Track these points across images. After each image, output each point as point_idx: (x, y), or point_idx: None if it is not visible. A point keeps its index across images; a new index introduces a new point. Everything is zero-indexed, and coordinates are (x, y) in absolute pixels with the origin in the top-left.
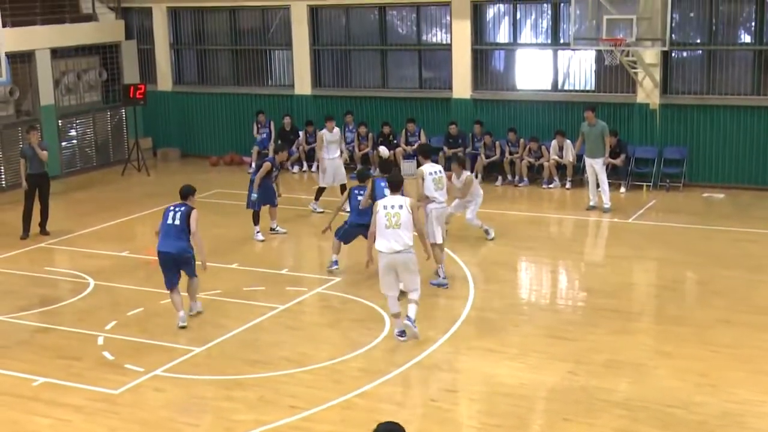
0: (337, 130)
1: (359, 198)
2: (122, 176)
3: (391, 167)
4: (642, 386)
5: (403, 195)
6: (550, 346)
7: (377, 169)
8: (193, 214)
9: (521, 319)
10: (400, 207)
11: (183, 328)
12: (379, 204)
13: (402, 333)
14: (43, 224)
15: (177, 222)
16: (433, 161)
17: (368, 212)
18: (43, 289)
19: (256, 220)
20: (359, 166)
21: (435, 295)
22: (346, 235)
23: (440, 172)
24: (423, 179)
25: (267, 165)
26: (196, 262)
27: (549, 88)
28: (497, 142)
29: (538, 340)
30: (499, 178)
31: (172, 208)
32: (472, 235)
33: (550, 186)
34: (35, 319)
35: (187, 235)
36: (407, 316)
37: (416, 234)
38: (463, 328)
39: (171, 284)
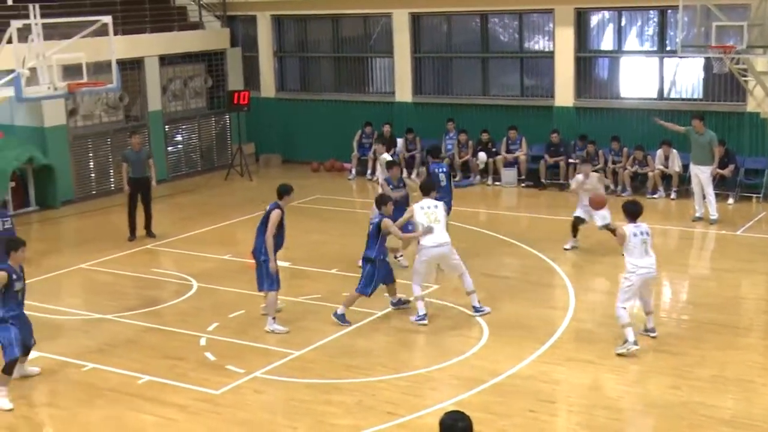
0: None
1: (370, 227)
2: (225, 181)
3: (431, 186)
4: (749, 404)
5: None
6: (653, 360)
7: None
8: (272, 215)
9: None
10: (435, 207)
11: (263, 315)
12: (416, 207)
13: (424, 317)
14: (148, 227)
15: (260, 223)
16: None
17: (370, 244)
18: (148, 290)
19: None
20: (459, 175)
21: (534, 306)
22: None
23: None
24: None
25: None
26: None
27: (654, 96)
28: (600, 151)
29: (640, 353)
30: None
31: (267, 207)
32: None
33: (654, 196)
34: (141, 319)
35: (262, 237)
36: (473, 306)
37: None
38: (563, 339)
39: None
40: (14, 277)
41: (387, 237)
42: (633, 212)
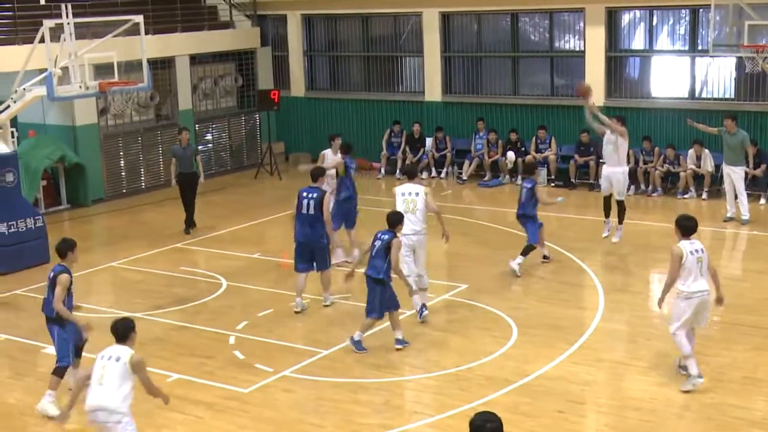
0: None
1: (376, 243)
2: (255, 180)
3: (414, 170)
4: None
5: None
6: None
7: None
8: (325, 200)
9: (653, 333)
10: (417, 194)
11: (297, 312)
12: (398, 191)
13: (422, 311)
14: (187, 222)
15: (312, 211)
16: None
17: (379, 262)
18: (178, 289)
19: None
20: (488, 174)
21: (564, 306)
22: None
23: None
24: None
25: None
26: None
27: (686, 96)
28: (631, 151)
29: (671, 355)
30: (632, 187)
31: (305, 194)
32: (601, 245)
33: (685, 196)
34: (170, 317)
35: (322, 222)
36: (422, 304)
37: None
38: (592, 340)
39: (300, 268)
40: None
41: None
42: (688, 228)
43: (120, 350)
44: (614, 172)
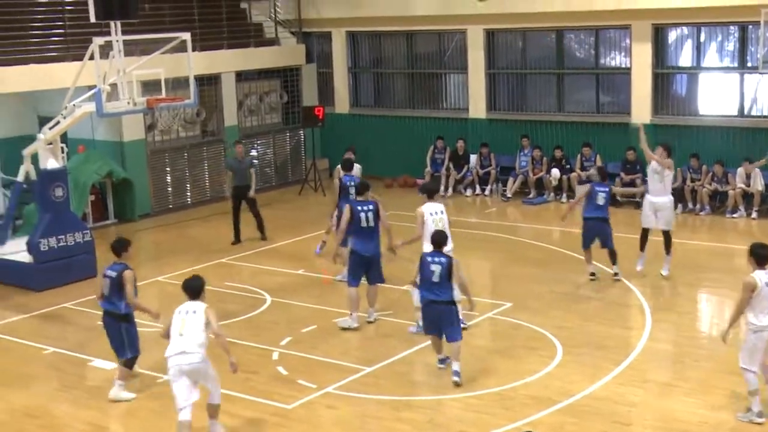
0: (358, 168)
1: (433, 267)
2: (299, 196)
3: (435, 188)
4: None
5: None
6: (734, 384)
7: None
8: (381, 210)
9: (701, 354)
10: (442, 212)
11: (343, 329)
12: (425, 211)
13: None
14: (261, 229)
15: (371, 223)
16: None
17: (446, 286)
18: (222, 304)
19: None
20: (533, 192)
21: (610, 325)
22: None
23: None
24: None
25: None
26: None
27: (735, 113)
28: (678, 169)
29: (720, 377)
30: (680, 205)
31: (360, 208)
32: (647, 264)
33: (734, 215)
34: None
35: (379, 234)
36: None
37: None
38: (639, 360)
39: (356, 282)
40: None
41: None
42: (764, 257)
43: (195, 305)
44: (660, 201)
